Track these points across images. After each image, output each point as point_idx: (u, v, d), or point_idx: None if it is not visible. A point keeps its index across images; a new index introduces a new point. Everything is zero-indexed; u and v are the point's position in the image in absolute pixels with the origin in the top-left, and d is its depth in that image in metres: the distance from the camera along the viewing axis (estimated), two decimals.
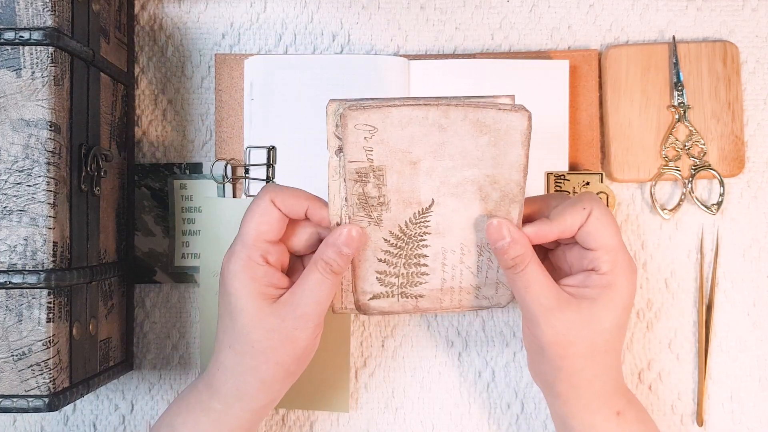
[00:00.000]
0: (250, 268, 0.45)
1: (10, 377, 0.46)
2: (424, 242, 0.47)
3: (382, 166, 0.44)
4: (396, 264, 0.48)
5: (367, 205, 0.45)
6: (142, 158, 0.62)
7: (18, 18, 0.47)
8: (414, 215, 0.46)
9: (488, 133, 0.43)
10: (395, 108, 0.42)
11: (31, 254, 0.46)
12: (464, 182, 0.45)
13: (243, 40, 0.62)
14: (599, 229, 0.45)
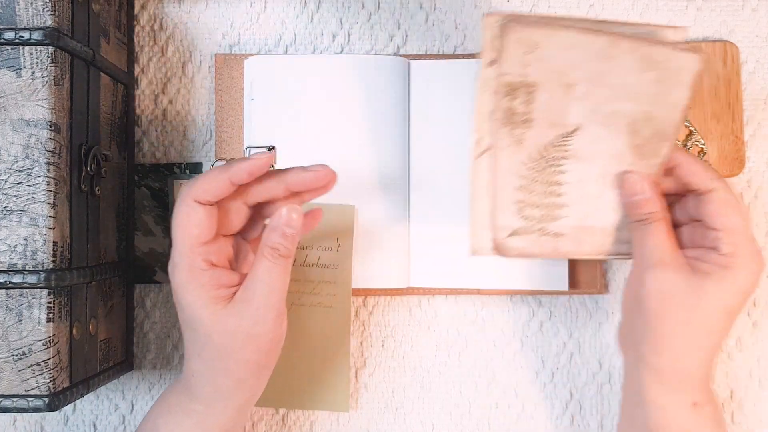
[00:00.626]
0: (195, 276, 0.44)
1: (10, 377, 0.46)
2: (561, 168, 0.46)
3: (535, 83, 0.43)
4: (533, 191, 0.46)
5: (510, 121, 0.44)
6: (142, 158, 0.62)
7: (18, 18, 0.47)
8: (556, 138, 0.45)
9: (655, 70, 0.43)
10: (563, 29, 0.42)
11: (31, 254, 0.46)
12: (617, 114, 0.44)
13: (243, 40, 0.62)
14: (723, 209, 0.45)
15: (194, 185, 0.45)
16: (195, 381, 0.47)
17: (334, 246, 0.57)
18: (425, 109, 0.59)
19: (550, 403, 0.60)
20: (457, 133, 0.59)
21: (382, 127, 0.58)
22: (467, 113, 0.58)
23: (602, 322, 0.60)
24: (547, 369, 0.60)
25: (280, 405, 0.59)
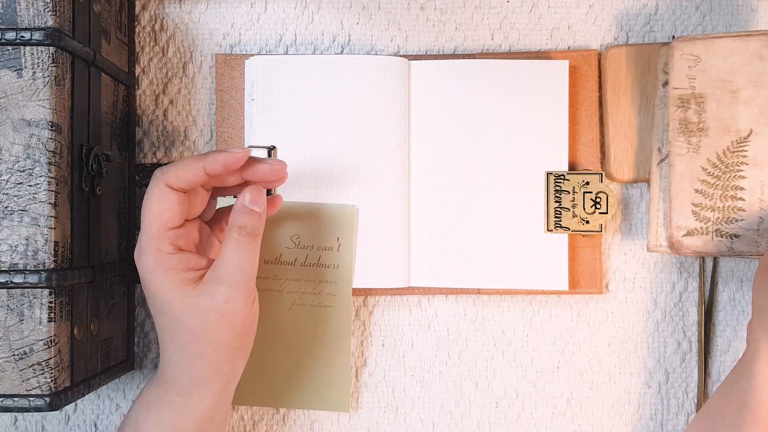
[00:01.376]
0: (162, 260, 0.45)
1: (12, 377, 0.46)
2: (741, 173, 0.48)
3: (704, 94, 0.48)
4: (712, 196, 0.49)
5: (686, 130, 0.48)
6: (143, 158, 0.62)
7: (19, 18, 0.47)
8: (732, 143, 0.48)
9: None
10: (718, 39, 0.47)
11: (33, 254, 0.46)
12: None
13: (243, 41, 0.62)
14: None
15: (168, 171, 0.45)
16: (170, 371, 0.47)
17: (335, 246, 0.57)
18: (425, 109, 0.59)
19: (550, 403, 0.60)
20: (457, 133, 0.59)
21: (382, 127, 0.58)
22: (467, 113, 0.59)
23: (602, 322, 0.61)
24: (547, 368, 0.61)
25: (280, 405, 0.59)
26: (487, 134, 0.59)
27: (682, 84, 0.48)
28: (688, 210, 0.50)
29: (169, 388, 0.47)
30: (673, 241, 0.51)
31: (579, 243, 0.59)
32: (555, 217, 0.58)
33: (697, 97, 0.48)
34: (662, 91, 0.49)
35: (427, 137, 0.59)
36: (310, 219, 0.57)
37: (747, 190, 0.49)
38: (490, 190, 0.59)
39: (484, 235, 0.58)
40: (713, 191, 0.49)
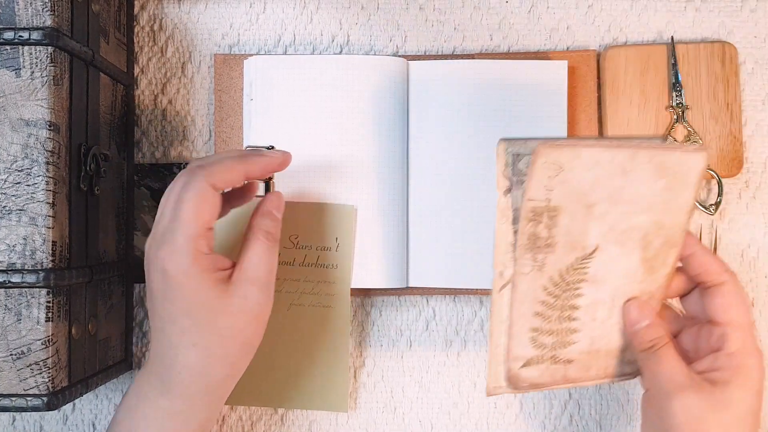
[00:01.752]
0: (199, 261, 0.43)
1: (9, 376, 0.46)
2: (578, 291, 0.45)
3: (558, 207, 0.42)
4: (550, 318, 0.45)
5: (534, 246, 0.43)
6: (141, 158, 0.62)
7: (17, 18, 0.47)
8: (575, 260, 0.44)
9: (666, 177, 0.43)
10: (587, 148, 0.41)
11: (30, 253, 0.46)
12: (632, 229, 0.44)
13: (242, 41, 0.62)
14: (733, 303, 0.44)
15: (213, 171, 0.44)
16: (183, 378, 0.44)
17: (334, 246, 0.57)
18: (425, 109, 0.59)
19: (548, 403, 0.60)
20: (457, 133, 0.59)
21: (381, 127, 0.58)
22: (466, 113, 0.59)
23: None
24: None
25: (279, 405, 0.59)
26: (485, 134, 0.59)
27: (539, 196, 0.42)
28: (526, 337, 0.45)
29: (175, 397, 0.45)
30: (511, 375, 0.45)
31: None
32: None
33: (550, 211, 0.42)
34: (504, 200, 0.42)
35: (425, 137, 0.59)
36: (308, 219, 0.57)
37: (582, 308, 0.45)
38: (490, 190, 0.58)
39: (484, 235, 0.58)
40: (551, 312, 0.45)
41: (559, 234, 0.43)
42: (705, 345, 0.46)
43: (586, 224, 0.43)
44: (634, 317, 0.45)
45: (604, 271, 0.45)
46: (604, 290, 0.45)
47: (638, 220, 0.44)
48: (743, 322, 0.44)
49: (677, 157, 0.43)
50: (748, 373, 0.44)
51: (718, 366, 0.44)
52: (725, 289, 0.45)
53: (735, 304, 0.45)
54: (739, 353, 0.44)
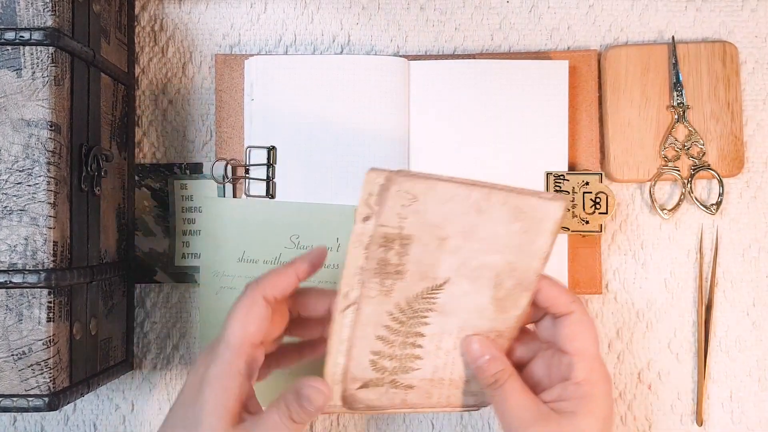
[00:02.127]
0: (228, 376, 0.42)
1: (10, 377, 0.46)
2: (425, 319, 0.45)
3: (411, 236, 0.43)
4: (393, 343, 0.45)
5: (383, 271, 0.43)
6: (142, 158, 0.62)
7: (18, 18, 0.47)
8: (425, 290, 0.44)
9: (522, 221, 0.43)
10: (441, 182, 0.42)
11: (32, 254, 0.46)
12: (484, 267, 0.44)
13: (243, 41, 0.62)
14: (580, 332, 0.45)
15: (263, 281, 0.44)
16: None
17: (334, 246, 0.57)
18: (425, 109, 0.59)
19: None
20: (457, 133, 0.59)
21: (382, 127, 0.58)
22: (467, 113, 0.59)
23: (602, 322, 0.60)
24: None
25: None
26: (486, 134, 0.59)
27: (391, 222, 0.42)
28: (366, 360, 0.45)
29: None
30: (347, 395, 0.45)
31: (578, 243, 0.59)
32: None
33: (403, 239, 0.43)
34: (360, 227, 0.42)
35: (426, 137, 0.59)
36: (309, 219, 0.57)
37: (427, 337, 0.45)
38: None
39: None
40: (395, 338, 0.45)
41: (410, 262, 0.43)
42: (556, 372, 0.46)
43: (438, 256, 0.43)
44: (476, 352, 0.46)
45: (453, 304, 0.45)
46: (452, 322, 0.45)
47: (491, 260, 0.44)
48: (589, 352, 0.45)
49: (533, 203, 0.43)
50: (594, 401, 0.44)
51: (566, 395, 0.45)
52: (572, 318, 0.45)
53: (581, 333, 0.45)
54: (585, 382, 0.44)
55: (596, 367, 0.45)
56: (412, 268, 0.44)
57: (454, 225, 0.43)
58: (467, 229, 0.43)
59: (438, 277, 0.44)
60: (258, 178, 0.59)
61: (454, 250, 0.44)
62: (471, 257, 0.44)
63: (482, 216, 0.43)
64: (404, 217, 0.42)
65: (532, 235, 0.44)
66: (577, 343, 0.45)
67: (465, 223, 0.43)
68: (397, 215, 0.42)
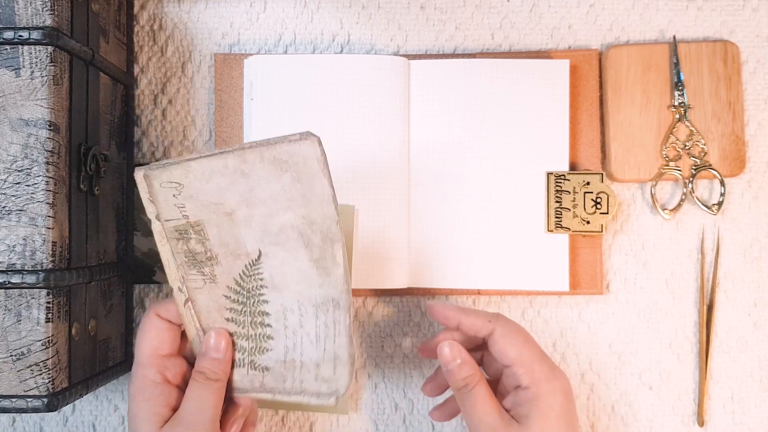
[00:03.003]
0: (145, 388, 0.45)
1: (9, 377, 0.46)
2: (263, 297, 0.45)
3: (200, 221, 0.44)
4: (243, 323, 0.46)
5: (196, 261, 0.45)
6: (141, 158, 0.62)
7: (17, 17, 0.46)
8: (245, 267, 0.45)
9: (288, 170, 0.43)
10: (194, 161, 0.42)
11: (30, 254, 0.46)
12: (284, 228, 0.44)
13: (243, 40, 0.62)
14: (506, 345, 0.47)
15: (157, 302, 0.48)
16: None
17: None
18: (425, 108, 0.59)
19: None
20: (457, 133, 0.59)
21: (382, 127, 0.58)
22: (467, 113, 0.58)
23: (603, 323, 0.60)
24: None
25: (279, 407, 0.58)
26: (487, 134, 0.58)
27: (173, 215, 0.43)
28: None
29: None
30: None
31: (579, 243, 0.59)
32: (555, 218, 0.58)
33: (194, 226, 0.43)
34: (158, 224, 0.43)
35: (427, 137, 0.59)
36: None
37: (272, 315, 0.45)
38: (491, 190, 0.58)
39: (484, 236, 0.58)
40: (243, 318, 0.46)
41: (215, 246, 0.44)
42: (511, 382, 0.48)
43: (236, 231, 0.44)
44: (447, 356, 0.48)
45: (279, 276, 0.45)
46: (288, 296, 0.45)
47: (285, 219, 0.44)
48: (524, 357, 0.47)
49: (287, 149, 0.42)
50: (544, 400, 0.46)
51: (519, 401, 0.47)
52: (495, 335, 0.47)
53: (509, 345, 0.47)
54: (532, 385, 0.46)
55: (537, 368, 0.47)
56: (220, 251, 0.44)
57: (231, 197, 0.43)
58: (245, 196, 0.43)
59: (250, 252, 0.45)
60: None
61: (246, 220, 0.44)
62: (266, 223, 0.44)
63: (250, 178, 0.43)
64: (182, 205, 0.43)
65: (306, 181, 0.43)
66: (510, 355, 0.47)
67: (239, 191, 0.43)
68: (175, 206, 0.43)
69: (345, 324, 0.45)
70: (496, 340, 0.47)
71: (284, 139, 0.42)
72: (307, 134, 0.42)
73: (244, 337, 0.46)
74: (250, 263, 0.45)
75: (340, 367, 0.45)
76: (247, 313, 0.46)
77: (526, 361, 0.47)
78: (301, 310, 0.45)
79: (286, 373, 0.46)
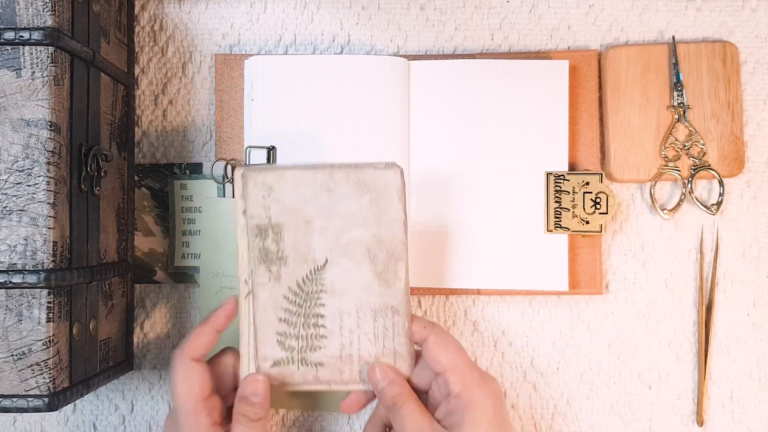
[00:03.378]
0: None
1: (10, 377, 0.46)
2: (320, 301, 0.49)
3: (280, 223, 0.48)
4: (296, 324, 0.49)
5: (266, 259, 0.48)
6: (142, 158, 0.62)
7: (18, 18, 0.47)
8: (310, 272, 0.49)
9: (369, 192, 0.48)
10: (288, 170, 0.48)
11: (31, 254, 0.46)
12: (354, 242, 0.48)
13: (243, 41, 0.62)
14: (439, 352, 0.47)
15: (185, 345, 0.48)
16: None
17: None
18: (425, 109, 0.59)
19: (550, 404, 0.60)
20: (457, 133, 0.59)
21: (382, 127, 0.58)
22: (467, 113, 0.59)
23: (602, 322, 0.60)
24: (547, 369, 0.60)
25: (279, 405, 0.59)
26: (487, 134, 0.59)
27: (259, 213, 0.48)
28: (273, 340, 0.49)
29: None
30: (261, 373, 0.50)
31: (579, 243, 0.59)
32: (555, 218, 0.58)
33: (274, 227, 0.48)
34: (243, 219, 0.48)
35: (426, 137, 0.59)
36: None
37: (327, 317, 0.49)
38: (490, 190, 0.59)
39: (484, 235, 0.58)
40: (296, 319, 0.49)
41: (287, 248, 0.49)
42: (443, 391, 0.48)
43: (310, 239, 0.48)
44: (375, 379, 0.49)
45: (341, 283, 0.49)
46: (346, 302, 0.49)
47: (357, 235, 0.48)
48: (455, 364, 0.47)
49: (371, 174, 0.48)
50: (476, 406, 0.46)
51: (451, 409, 0.47)
52: (429, 342, 0.48)
53: (442, 352, 0.47)
54: (463, 391, 0.47)
55: (468, 375, 0.47)
56: (291, 254, 0.49)
57: (313, 207, 0.48)
58: (325, 209, 0.48)
59: (317, 259, 0.49)
60: None
61: (321, 231, 0.48)
62: (338, 235, 0.48)
63: (333, 194, 0.48)
64: (268, 206, 0.48)
65: (383, 205, 0.48)
66: (442, 361, 0.47)
67: (321, 203, 0.48)
68: (262, 206, 0.48)
69: (404, 327, 0.49)
70: (430, 346, 0.48)
71: (372, 165, 0.48)
72: (392, 164, 0.48)
73: (294, 337, 0.49)
74: (315, 269, 0.49)
75: (400, 360, 0.49)
76: (302, 315, 0.49)
77: (458, 368, 0.47)
78: (359, 314, 0.49)
79: (342, 366, 0.50)
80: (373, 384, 0.49)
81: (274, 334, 0.49)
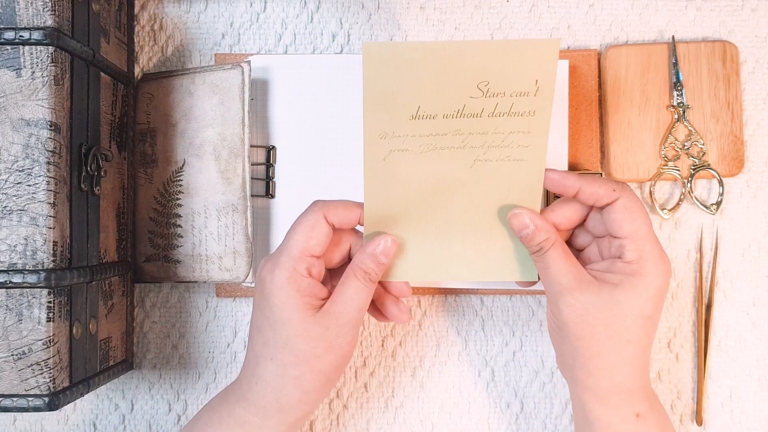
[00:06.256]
0: (295, 280, 0.46)
1: (10, 377, 0.46)
2: (178, 201, 0.54)
3: (155, 128, 0.55)
4: (161, 223, 0.55)
5: (144, 162, 0.55)
6: None
7: (18, 18, 0.47)
8: (172, 174, 0.55)
9: (219, 93, 0.54)
10: (164, 78, 0.55)
11: (31, 254, 0.46)
12: (204, 143, 0.54)
13: (243, 40, 0.62)
14: (627, 217, 0.45)
15: (330, 203, 0.48)
16: (258, 389, 0.47)
17: (532, 90, 0.46)
18: None
19: (549, 402, 0.60)
20: None
21: None
22: None
23: None
24: (546, 368, 0.61)
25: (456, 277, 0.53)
26: None
27: (142, 120, 0.55)
28: (146, 237, 0.56)
29: (249, 406, 0.47)
30: (138, 267, 0.56)
31: None
32: None
33: (151, 132, 0.55)
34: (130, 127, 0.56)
35: None
36: (501, 61, 0.45)
37: (183, 217, 0.54)
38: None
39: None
40: (161, 218, 0.55)
41: (159, 151, 0.55)
42: (607, 252, 0.47)
43: (173, 141, 0.55)
44: (520, 224, 0.47)
45: (193, 183, 0.55)
46: (196, 201, 0.55)
47: (207, 134, 0.54)
48: (639, 233, 0.45)
49: (220, 75, 0.54)
50: (642, 279, 0.45)
51: (614, 269, 0.46)
52: (618, 205, 0.46)
53: (629, 218, 0.45)
54: (635, 262, 0.45)
55: (648, 248, 0.45)
56: (161, 156, 0.55)
57: (178, 110, 0.55)
58: (186, 111, 0.55)
59: (178, 161, 0.55)
60: (258, 178, 0.59)
61: (182, 132, 0.54)
62: (193, 136, 0.55)
63: (193, 97, 0.55)
64: (148, 113, 0.55)
65: (228, 104, 0.54)
66: (626, 228, 0.45)
67: (184, 106, 0.55)
68: (145, 113, 0.55)
69: (242, 225, 0.54)
70: (617, 210, 0.45)
71: (221, 66, 0.54)
72: (238, 65, 0.54)
73: (160, 236, 0.55)
74: (176, 170, 0.55)
75: (239, 259, 0.55)
76: (165, 215, 0.55)
77: (640, 239, 0.45)
78: (207, 214, 0.55)
79: (194, 264, 0.56)
80: (517, 229, 0.47)
81: (147, 232, 0.56)
